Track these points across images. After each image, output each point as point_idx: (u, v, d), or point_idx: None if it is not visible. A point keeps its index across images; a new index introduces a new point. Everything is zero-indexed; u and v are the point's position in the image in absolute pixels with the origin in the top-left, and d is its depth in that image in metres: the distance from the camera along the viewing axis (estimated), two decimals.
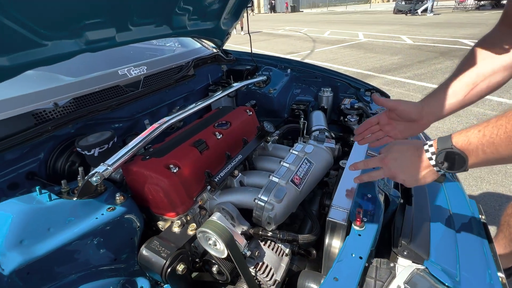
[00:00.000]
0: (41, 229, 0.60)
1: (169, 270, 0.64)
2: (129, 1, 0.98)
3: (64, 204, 0.68)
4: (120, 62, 1.42)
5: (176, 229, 0.74)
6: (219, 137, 0.95)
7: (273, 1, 34.05)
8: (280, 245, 0.78)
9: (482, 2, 14.29)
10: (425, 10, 13.97)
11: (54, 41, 0.88)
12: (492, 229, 1.51)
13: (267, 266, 0.72)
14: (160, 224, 0.82)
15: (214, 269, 0.72)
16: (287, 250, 0.78)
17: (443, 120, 2.91)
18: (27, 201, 0.65)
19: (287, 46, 8.31)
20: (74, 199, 0.71)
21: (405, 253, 0.69)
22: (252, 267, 0.71)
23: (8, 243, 0.56)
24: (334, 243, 0.74)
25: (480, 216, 0.90)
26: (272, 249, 0.76)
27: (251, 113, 1.14)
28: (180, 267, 0.65)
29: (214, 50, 1.88)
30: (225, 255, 0.64)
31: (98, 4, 0.91)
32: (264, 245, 0.77)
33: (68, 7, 0.83)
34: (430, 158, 0.57)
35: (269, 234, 0.76)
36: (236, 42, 8.08)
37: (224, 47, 1.91)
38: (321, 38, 9.50)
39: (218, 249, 0.65)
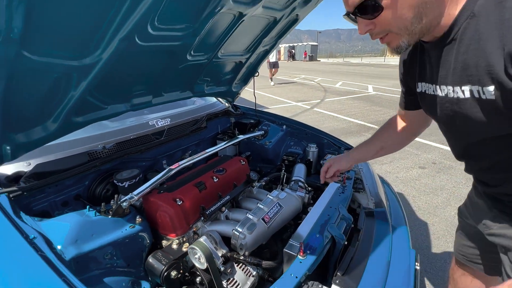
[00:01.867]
0: (88, 234, 0.92)
1: (165, 274, 0.92)
2: (165, 79, 1.42)
3: (103, 219, 1.00)
4: (151, 109, 1.84)
5: (174, 246, 1.03)
6: (216, 180, 1.27)
7: (292, 50, 36.93)
8: (249, 267, 1.04)
9: None
10: None
11: (111, 105, 1.30)
12: None
13: (236, 281, 0.98)
14: (164, 242, 1.11)
15: (198, 279, 0.98)
16: (254, 273, 1.04)
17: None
18: (81, 215, 0.98)
19: (299, 94, 8.99)
20: (109, 217, 1.03)
21: (337, 281, 0.93)
22: (225, 281, 0.97)
23: (68, 240, 0.88)
24: None
25: (415, 263, 1.11)
26: (242, 270, 1.02)
27: (244, 162, 1.47)
28: (174, 273, 0.93)
29: (226, 104, 2.32)
30: (205, 267, 0.92)
31: (144, 82, 1.34)
32: (237, 266, 1.03)
33: (126, 85, 1.26)
34: None
35: (241, 257, 1.02)
36: (262, 89, 8.78)
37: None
38: (332, 88, 10.19)
39: (201, 262, 0.93)
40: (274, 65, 10.58)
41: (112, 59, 0.95)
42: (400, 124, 1.06)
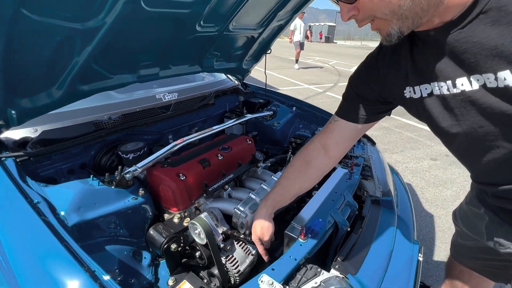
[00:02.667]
0: (91, 203, 0.92)
1: (165, 246, 0.93)
2: (172, 51, 1.36)
3: (106, 189, 1.00)
4: (159, 83, 1.80)
5: (176, 220, 1.04)
6: (220, 158, 1.25)
7: (309, 30, 35.48)
8: (249, 246, 1.04)
9: None
10: None
11: (118, 75, 1.26)
12: None
13: (235, 258, 0.98)
14: (166, 216, 1.11)
15: (197, 254, 0.99)
16: (253, 251, 1.04)
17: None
18: (85, 183, 0.98)
19: (313, 77, 8.71)
20: (112, 187, 1.03)
21: (337, 266, 0.91)
22: (224, 257, 0.97)
23: (71, 207, 0.88)
24: None
25: (419, 254, 1.09)
26: (242, 248, 1.02)
27: (250, 142, 1.43)
28: (173, 246, 0.93)
29: (236, 82, 2.25)
30: (204, 243, 0.92)
31: (151, 52, 1.29)
32: (236, 244, 1.03)
33: (133, 55, 1.21)
34: None
35: (241, 236, 1.02)
36: (284, 74, 8.45)
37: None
38: (346, 72, 9.82)
39: (201, 237, 0.92)
40: (301, 46, 9.38)
41: (116, 24, 0.90)
42: (321, 154, 0.90)
